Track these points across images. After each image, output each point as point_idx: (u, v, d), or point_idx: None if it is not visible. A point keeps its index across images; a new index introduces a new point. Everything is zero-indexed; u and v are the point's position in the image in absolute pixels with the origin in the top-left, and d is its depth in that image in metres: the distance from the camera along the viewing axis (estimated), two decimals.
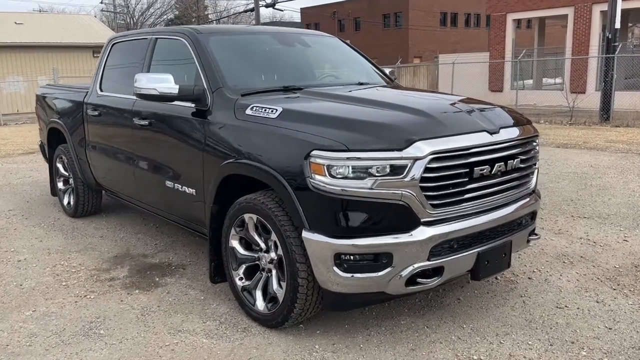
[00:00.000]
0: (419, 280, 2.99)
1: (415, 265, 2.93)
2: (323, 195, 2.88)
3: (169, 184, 4.13)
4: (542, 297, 3.76)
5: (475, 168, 3.05)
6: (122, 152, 4.80)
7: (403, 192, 2.86)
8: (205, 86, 3.78)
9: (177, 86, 3.75)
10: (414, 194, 2.87)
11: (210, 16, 59.76)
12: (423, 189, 2.89)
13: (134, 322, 3.51)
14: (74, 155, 5.71)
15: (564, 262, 4.40)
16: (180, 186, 4.01)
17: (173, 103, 3.93)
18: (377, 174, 2.85)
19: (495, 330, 3.32)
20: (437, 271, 3.03)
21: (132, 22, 57.09)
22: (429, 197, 2.92)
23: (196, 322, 3.49)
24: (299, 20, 59.22)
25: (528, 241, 3.62)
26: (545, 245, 4.80)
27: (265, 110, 3.37)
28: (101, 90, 5.19)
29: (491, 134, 3.16)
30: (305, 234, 2.96)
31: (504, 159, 3.20)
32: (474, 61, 22.95)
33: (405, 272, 2.92)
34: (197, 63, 3.92)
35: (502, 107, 3.70)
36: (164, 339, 3.29)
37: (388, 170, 2.85)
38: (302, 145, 2.99)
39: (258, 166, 3.20)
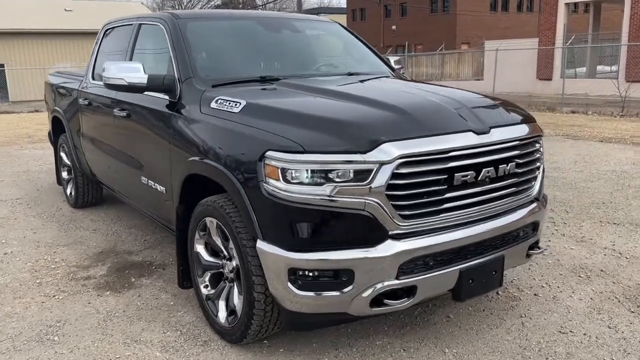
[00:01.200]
0: (387, 301, 2.62)
1: (381, 285, 2.56)
2: (277, 203, 2.54)
3: (143, 179, 3.89)
4: (544, 319, 3.31)
5: (455, 174, 2.64)
6: (107, 144, 4.60)
7: (367, 201, 2.49)
8: (176, 76, 3.49)
9: (146, 76, 3.48)
10: (380, 204, 2.50)
11: (257, 1, 59.69)
12: (390, 197, 2.51)
13: (93, 329, 3.29)
14: (71, 145, 5.56)
15: (579, 277, 3.91)
16: (152, 183, 3.76)
17: (150, 94, 3.67)
18: (337, 180, 2.48)
19: (481, 358, 2.92)
20: (408, 291, 2.65)
21: (180, 10, 57.70)
22: (397, 207, 2.54)
23: (156, 332, 3.23)
24: (345, 6, 58.45)
25: (528, 255, 3.18)
26: (562, 256, 4.31)
27: (229, 103, 3.05)
28: (93, 79, 4.99)
29: (478, 134, 2.73)
30: (259, 245, 2.64)
31: (494, 163, 2.78)
32: (520, 47, 21.87)
33: (369, 292, 2.55)
34: (170, 51, 3.64)
35: (505, 102, 3.27)
36: (116, 350, 3.04)
37: (350, 175, 2.48)
38: (258, 144, 2.66)
39: (215, 166, 2.89)
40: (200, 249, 3.22)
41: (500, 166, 2.80)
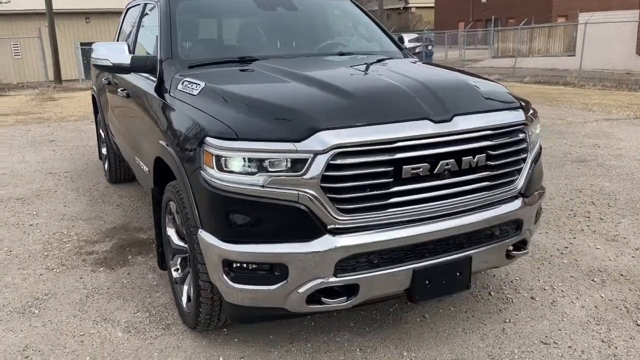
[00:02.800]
0: (324, 299, 2.47)
1: (317, 282, 2.41)
2: (212, 192, 2.44)
3: (136, 159, 3.95)
4: (531, 326, 3.01)
5: (403, 166, 2.41)
6: (118, 123, 4.71)
7: (301, 193, 2.33)
8: (158, 57, 3.46)
9: (130, 56, 3.48)
10: (316, 196, 2.33)
11: None
12: (326, 190, 2.34)
13: (73, 304, 3.39)
14: (102, 122, 5.77)
15: (593, 281, 3.52)
16: (141, 163, 3.80)
17: (143, 75, 3.69)
18: (270, 170, 2.35)
19: None
20: (349, 290, 2.48)
21: None
22: (335, 201, 2.36)
23: (128, 312, 3.28)
24: None
25: (510, 257, 2.88)
26: (583, 255, 3.89)
27: (191, 86, 2.97)
28: None
29: (436, 122, 2.47)
30: (200, 233, 2.56)
31: (456, 155, 2.51)
32: (616, 20, 20.00)
33: (304, 289, 2.41)
34: (158, 30, 3.61)
35: (492, 85, 2.96)
36: (83, 328, 3.12)
37: (284, 165, 2.34)
38: (200, 130, 2.56)
39: (168, 151, 2.85)
40: (171, 232, 3.20)
41: (464, 158, 2.52)
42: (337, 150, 2.31)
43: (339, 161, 2.32)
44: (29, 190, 6.00)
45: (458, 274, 2.65)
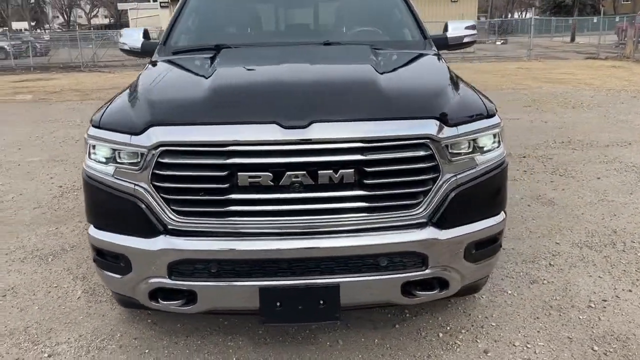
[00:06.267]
0: (162, 301, 2.40)
1: (154, 280, 2.35)
2: (83, 178, 2.53)
3: None
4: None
5: (239, 173, 2.18)
6: None
7: (138, 188, 2.30)
8: (160, 42, 3.65)
9: (142, 41, 3.73)
10: (150, 193, 2.28)
11: None
12: (158, 188, 2.26)
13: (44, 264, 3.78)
14: None
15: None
16: None
17: None
18: (118, 161, 2.36)
19: None
20: (189, 296, 2.37)
21: None
22: (168, 201, 2.27)
23: (91, 278, 3.54)
24: None
25: (410, 295, 2.40)
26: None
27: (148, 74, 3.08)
28: None
29: (286, 127, 2.17)
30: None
31: (310, 167, 2.18)
32: None
33: (144, 284, 2.39)
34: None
35: (403, 90, 2.52)
36: (59, 280, 3.52)
37: (126, 158, 2.33)
38: None
39: None
40: None
41: (320, 172, 2.18)
42: (164, 148, 2.21)
43: (167, 160, 2.22)
44: None
45: (321, 302, 2.32)
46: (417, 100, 2.39)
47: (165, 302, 2.40)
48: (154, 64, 3.20)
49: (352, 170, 2.19)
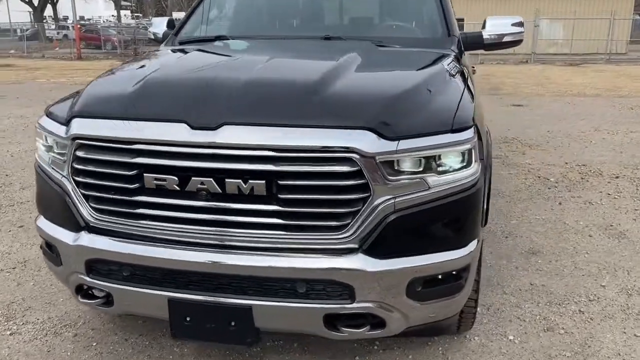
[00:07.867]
0: (82, 298, 2.34)
1: (75, 275, 2.29)
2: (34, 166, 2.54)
3: None
4: None
5: (145, 174, 2.02)
6: None
7: (62, 179, 2.24)
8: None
9: (164, 29, 3.73)
10: (71, 185, 2.21)
11: None
12: (78, 183, 2.18)
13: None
14: None
15: None
16: None
17: None
18: (55, 150, 2.31)
19: None
20: (106, 297, 2.27)
21: None
22: (85, 196, 2.18)
23: None
24: None
25: (334, 329, 2.08)
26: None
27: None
28: None
29: (194, 128, 1.96)
30: None
31: (216, 174, 1.95)
32: None
33: (71, 279, 2.33)
34: None
35: (346, 94, 2.16)
36: None
37: (57, 148, 2.28)
38: None
39: None
40: None
41: (227, 180, 1.94)
42: (80, 142, 2.11)
43: (82, 154, 2.12)
44: None
45: (232, 323, 2.09)
46: (353, 107, 2.04)
47: (85, 300, 2.33)
48: (142, 55, 3.16)
49: (264, 181, 1.93)
